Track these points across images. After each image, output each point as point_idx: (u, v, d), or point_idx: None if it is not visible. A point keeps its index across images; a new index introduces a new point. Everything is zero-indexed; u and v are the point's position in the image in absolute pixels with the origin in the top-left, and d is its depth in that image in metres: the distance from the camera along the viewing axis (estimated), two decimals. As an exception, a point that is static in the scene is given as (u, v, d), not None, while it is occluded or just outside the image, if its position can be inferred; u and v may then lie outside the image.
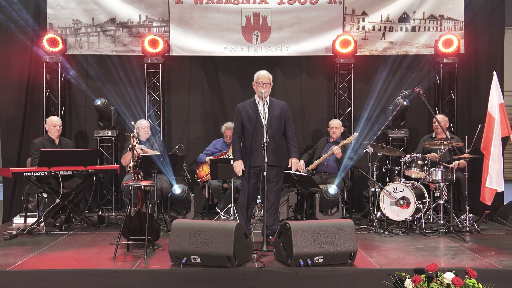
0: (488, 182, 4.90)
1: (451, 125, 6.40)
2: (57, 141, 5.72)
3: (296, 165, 4.71)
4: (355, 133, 5.91)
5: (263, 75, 4.60)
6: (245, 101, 4.74)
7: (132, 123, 5.46)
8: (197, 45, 6.59)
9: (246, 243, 3.95)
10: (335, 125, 6.09)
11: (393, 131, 6.50)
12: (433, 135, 6.04)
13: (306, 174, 5.66)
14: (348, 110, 6.71)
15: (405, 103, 5.93)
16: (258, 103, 4.61)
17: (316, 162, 5.99)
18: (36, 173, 5.03)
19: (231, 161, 4.77)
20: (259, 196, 4.75)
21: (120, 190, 6.32)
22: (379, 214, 5.47)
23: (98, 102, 6.26)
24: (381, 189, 5.43)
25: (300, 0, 6.53)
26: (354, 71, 6.59)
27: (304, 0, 6.54)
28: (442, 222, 5.35)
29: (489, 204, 5.10)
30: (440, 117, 5.93)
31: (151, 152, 5.47)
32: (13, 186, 6.38)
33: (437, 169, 5.43)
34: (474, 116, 6.48)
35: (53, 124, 5.68)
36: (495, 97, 5.08)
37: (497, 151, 4.94)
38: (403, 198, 5.36)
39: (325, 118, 6.81)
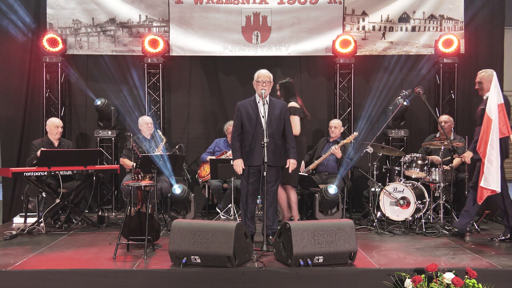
0: (483, 182, 4.85)
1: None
2: (56, 143, 5.70)
3: (294, 165, 4.65)
4: (355, 133, 5.91)
5: (263, 74, 4.59)
6: (245, 99, 4.74)
7: (129, 134, 5.35)
8: (197, 45, 6.59)
9: (246, 243, 3.95)
10: (334, 124, 6.09)
11: (393, 131, 6.50)
12: (438, 135, 6.03)
13: (306, 174, 5.66)
14: (348, 110, 6.71)
15: (405, 103, 5.93)
16: (259, 102, 4.60)
17: (316, 162, 5.98)
18: (36, 173, 5.03)
19: (231, 161, 4.76)
20: (259, 196, 4.75)
21: (120, 190, 6.32)
22: (379, 214, 5.47)
23: (98, 102, 6.26)
24: (381, 189, 5.43)
25: (300, 0, 6.54)
26: (354, 71, 6.58)
27: (304, 0, 6.54)
28: (442, 222, 5.35)
29: (480, 204, 5.04)
30: (446, 117, 5.95)
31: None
32: (13, 186, 6.37)
33: (437, 169, 5.43)
34: (474, 116, 6.45)
35: (55, 125, 5.65)
36: (494, 98, 5.06)
37: (495, 152, 4.90)
38: (403, 198, 5.36)
39: (325, 118, 6.81)
